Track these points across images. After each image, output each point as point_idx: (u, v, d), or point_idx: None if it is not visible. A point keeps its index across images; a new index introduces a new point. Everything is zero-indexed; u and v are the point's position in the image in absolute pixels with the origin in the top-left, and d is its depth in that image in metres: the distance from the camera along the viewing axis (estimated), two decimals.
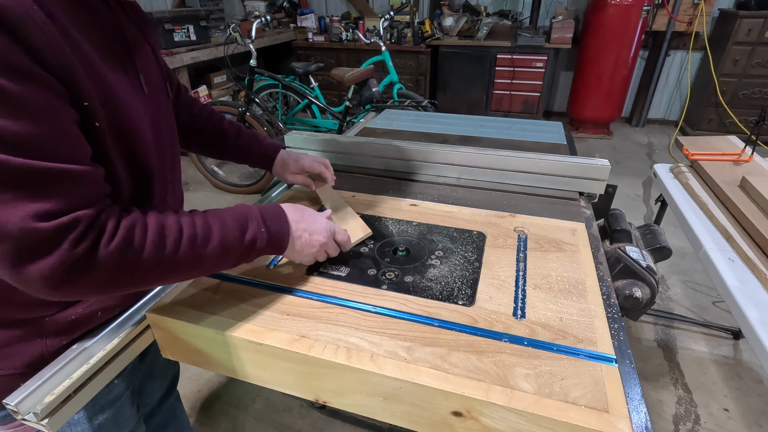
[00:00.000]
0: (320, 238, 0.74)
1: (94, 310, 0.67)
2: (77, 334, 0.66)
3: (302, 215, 0.73)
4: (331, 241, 0.76)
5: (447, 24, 4.41)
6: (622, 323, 0.67)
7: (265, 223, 0.67)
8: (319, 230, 0.74)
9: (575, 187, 1.11)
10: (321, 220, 0.76)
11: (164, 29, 3.22)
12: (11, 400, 0.54)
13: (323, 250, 0.75)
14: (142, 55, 0.66)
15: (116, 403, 0.77)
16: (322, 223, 0.75)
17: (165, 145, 0.72)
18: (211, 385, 1.78)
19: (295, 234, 0.71)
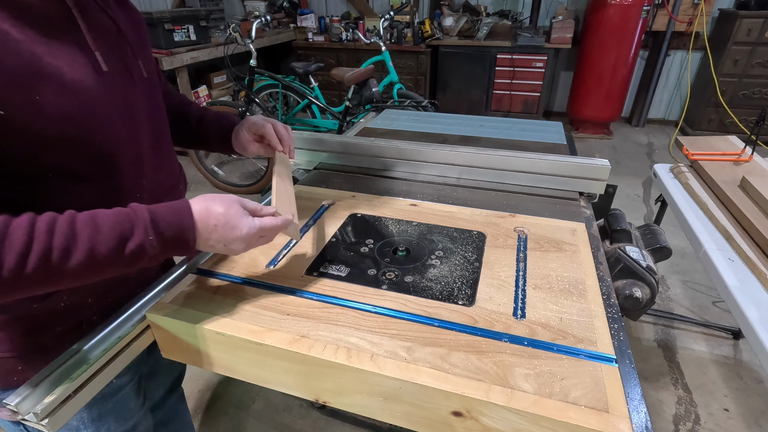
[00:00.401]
0: (238, 246, 0.64)
1: (81, 299, 0.67)
2: (72, 323, 0.67)
3: (216, 223, 0.61)
4: (257, 241, 0.66)
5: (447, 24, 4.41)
6: (622, 323, 0.67)
7: (156, 228, 0.57)
8: (237, 239, 0.63)
9: (575, 187, 1.11)
10: (242, 225, 0.63)
11: (164, 29, 3.22)
12: (11, 400, 0.54)
13: (250, 248, 0.66)
14: (99, 32, 0.62)
15: (118, 393, 0.77)
16: (242, 230, 0.63)
17: (139, 128, 0.68)
18: (211, 385, 1.78)
19: (206, 243, 0.62)
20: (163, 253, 0.59)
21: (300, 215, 0.98)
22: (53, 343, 0.68)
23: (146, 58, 0.74)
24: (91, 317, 0.71)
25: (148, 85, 0.72)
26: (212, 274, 0.79)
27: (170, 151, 0.80)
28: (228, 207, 0.63)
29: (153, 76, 0.75)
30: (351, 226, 0.95)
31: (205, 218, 0.61)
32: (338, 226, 0.94)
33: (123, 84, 0.65)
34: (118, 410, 0.78)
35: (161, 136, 0.76)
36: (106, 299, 0.70)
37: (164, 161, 0.76)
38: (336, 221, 0.96)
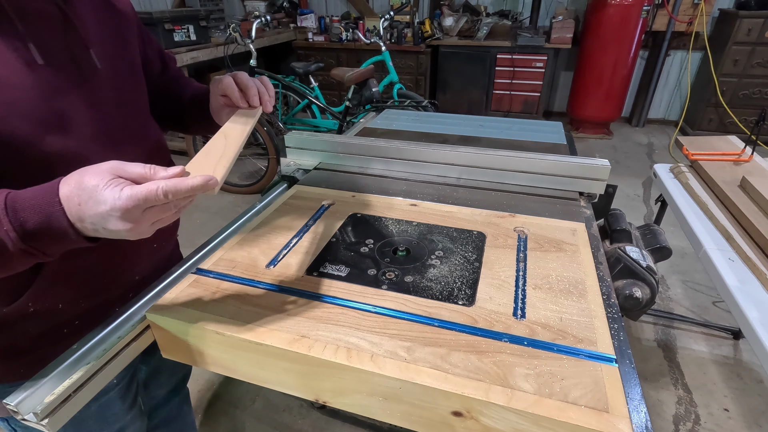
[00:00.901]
0: (118, 227, 0.49)
1: (51, 304, 0.65)
2: (46, 326, 0.66)
3: (79, 200, 0.49)
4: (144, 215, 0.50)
5: (447, 24, 4.41)
6: (622, 323, 0.67)
7: (14, 216, 0.48)
8: (108, 218, 0.49)
9: (575, 187, 1.11)
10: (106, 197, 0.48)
11: (164, 29, 3.22)
12: (11, 400, 0.54)
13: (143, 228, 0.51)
14: (36, 21, 0.57)
15: (102, 397, 0.76)
16: (107, 205, 0.48)
17: (88, 124, 0.61)
18: (211, 385, 1.78)
19: (86, 227, 0.50)
20: (42, 246, 0.50)
21: (300, 215, 0.99)
22: (31, 345, 0.67)
23: (116, 52, 0.68)
24: (72, 321, 0.69)
25: (106, 76, 0.66)
26: (212, 274, 0.79)
27: (146, 149, 0.73)
28: (95, 174, 0.49)
29: (116, 65, 0.68)
30: (351, 226, 0.95)
31: (69, 197, 0.49)
32: (338, 226, 0.94)
33: (66, 77, 0.60)
34: (101, 414, 0.77)
35: (128, 132, 0.69)
36: (78, 304, 0.68)
37: (133, 161, 0.64)
38: (336, 221, 0.96)
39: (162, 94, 0.89)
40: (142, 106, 0.77)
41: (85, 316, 0.69)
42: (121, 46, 0.71)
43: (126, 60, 0.72)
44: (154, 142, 0.78)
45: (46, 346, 0.63)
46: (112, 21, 0.70)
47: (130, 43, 0.74)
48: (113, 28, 0.70)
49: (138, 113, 0.75)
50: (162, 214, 0.52)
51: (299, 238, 0.90)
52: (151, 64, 0.86)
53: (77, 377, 0.59)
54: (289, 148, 1.28)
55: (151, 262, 0.84)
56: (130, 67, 0.73)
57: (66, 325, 0.69)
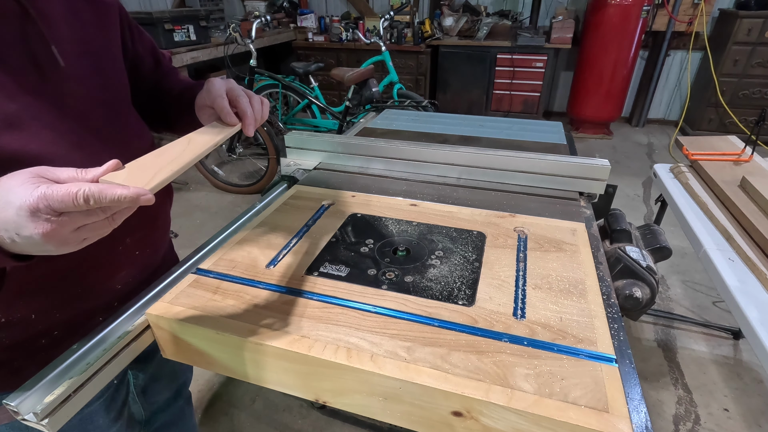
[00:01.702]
0: (31, 232, 0.42)
1: (22, 315, 0.63)
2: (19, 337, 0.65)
3: None
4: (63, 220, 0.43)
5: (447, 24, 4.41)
6: (622, 323, 0.67)
7: None
8: (18, 221, 0.42)
9: (575, 187, 1.11)
10: (14, 198, 0.42)
11: (164, 29, 3.22)
12: (11, 400, 0.54)
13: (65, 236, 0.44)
14: None
15: (84, 410, 0.72)
16: (14, 205, 0.42)
17: (50, 126, 0.58)
18: (211, 385, 1.78)
19: (5, 238, 0.44)
20: None
21: (300, 215, 0.98)
22: (5, 357, 0.66)
23: (86, 44, 0.64)
24: (48, 332, 0.67)
25: (73, 75, 0.63)
26: (212, 274, 0.79)
27: (125, 148, 0.69)
28: (12, 179, 0.43)
29: (88, 63, 0.65)
30: (351, 226, 0.95)
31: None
32: (338, 226, 0.94)
33: (23, 76, 0.57)
34: (82, 428, 0.75)
35: (100, 132, 0.66)
36: (52, 315, 0.66)
37: (104, 160, 0.58)
38: (336, 221, 0.96)
39: (153, 92, 0.86)
40: (122, 107, 0.72)
41: (63, 326, 0.67)
42: (99, 42, 0.68)
43: (103, 57, 0.68)
44: (137, 145, 0.72)
45: (21, 358, 0.61)
46: (89, 16, 0.66)
47: (110, 40, 0.70)
48: (91, 24, 0.66)
49: (116, 114, 0.70)
50: (86, 221, 0.45)
51: (299, 238, 0.90)
52: (142, 60, 0.83)
53: (77, 377, 0.59)
54: (289, 148, 1.29)
55: (136, 271, 0.80)
56: (109, 65, 0.70)
57: (42, 336, 0.66)
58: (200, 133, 0.65)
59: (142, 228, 0.76)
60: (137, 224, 0.72)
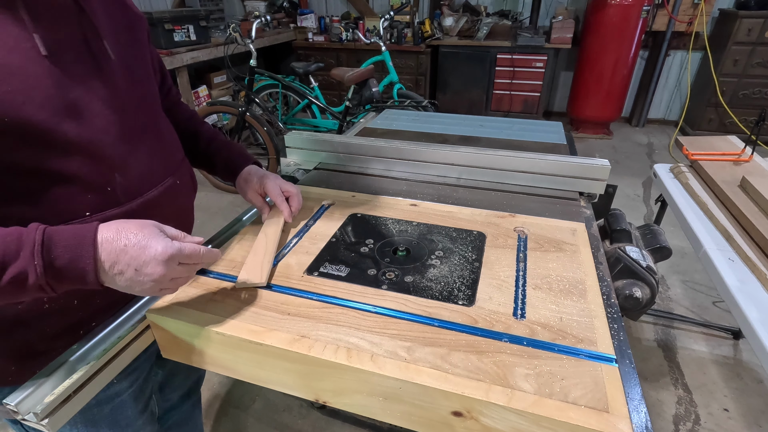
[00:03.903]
0: (153, 270, 0.55)
1: (65, 301, 0.65)
2: (60, 325, 0.66)
3: (126, 242, 0.55)
4: (175, 268, 0.58)
5: (447, 24, 4.41)
6: (622, 323, 0.67)
7: (47, 253, 0.51)
8: (150, 260, 0.55)
9: (575, 187, 1.11)
10: (156, 243, 0.56)
11: (164, 29, 3.22)
12: (11, 400, 0.54)
13: (166, 281, 0.58)
14: (47, 11, 0.58)
15: (115, 399, 0.76)
16: (157, 249, 0.55)
17: (99, 117, 0.63)
18: (211, 385, 1.78)
19: (113, 269, 0.54)
20: (56, 283, 0.52)
21: (300, 215, 0.99)
22: (46, 346, 0.67)
23: (128, 48, 0.70)
24: (86, 321, 0.69)
25: (120, 68, 0.68)
26: (212, 274, 0.79)
27: (160, 142, 0.75)
28: (142, 226, 0.57)
29: (129, 60, 0.70)
30: (351, 226, 0.95)
31: (113, 239, 0.54)
32: (338, 226, 0.94)
33: (80, 67, 0.61)
34: (113, 417, 0.77)
35: (141, 124, 0.71)
36: (92, 301, 0.68)
37: (147, 154, 0.70)
38: (336, 221, 0.96)
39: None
40: (156, 103, 0.78)
41: (100, 315, 0.69)
42: (133, 44, 0.73)
43: (138, 57, 0.72)
44: (169, 138, 0.79)
45: (61, 348, 0.63)
46: (124, 19, 0.71)
47: (142, 43, 0.75)
48: (125, 26, 0.71)
49: (152, 108, 0.75)
50: (184, 274, 0.60)
51: (299, 238, 0.90)
52: (155, 72, 0.87)
53: (77, 377, 0.59)
54: (289, 148, 1.29)
55: None
56: (143, 64, 0.74)
57: (81, 326, 0.68)
58: (268, 227, 0.88)
59: (176, 219, 0.79)
60: (173, 215, 0.77)
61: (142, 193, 0.69)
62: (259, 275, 0.75)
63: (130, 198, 0.67)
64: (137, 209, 0.68)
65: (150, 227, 0.57)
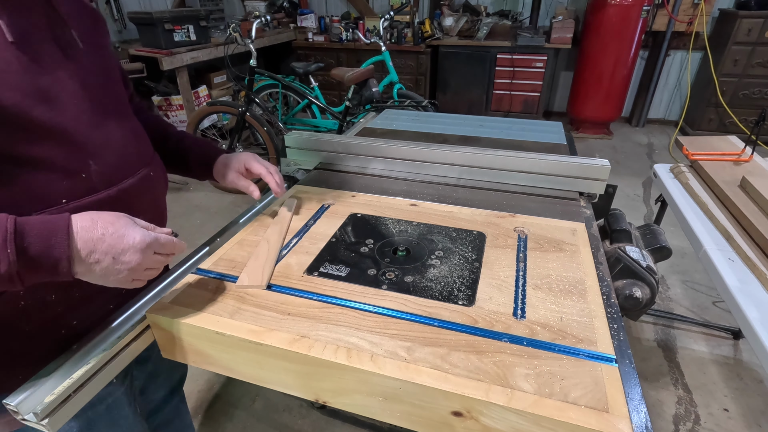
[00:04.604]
0: (131, 258, 0.57)
1: (42, 295, 0.63)
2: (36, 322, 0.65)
3: (104, 232, 0.55)
4: (151, 257, 0.60)
5: (447, 24, 4.41)
6: (622, 323, 0.67)
7: (19, 241, 0.50)
8: (128, 248, 0.56)
9: (575, 187, 1.11)
10: (133, 232, 0.57)
11: (164, 29, 3.22)
12: (11, 400, 0.54)
13: (141, 270, 0.59)
14: (19, 2, 0.59)
15: (108, 398, 0.76)
16: (135, 237, 0.57)
17: (71, 103, 0.63)
18: (211, 385, 1.78)
19: (89, 258, 0.55)
20: (27, 274, 0.51)
21: (300, 215, 0.99)
22: (28, 347, 0.66)
23: (94, 40, 0.71)
24: (66, 316, 0.67)
25: (88, 56, 0.68)
26: (212, 274, 0.79)
27: (132, 132, 0.75)
28: (117, 217, 0.58)
29: (95, 49, 0.71)
30: (351, 226, 0.95)
31: (89, 228, 0.55)
32: (338, 226, 0.94)
33: (44, 57, 0.61)
34: (110, 416, 0.77)
35: (112, 113, 0.71)
36: (71, 294, 0.67)
37: (120, 143, 0.71)
38: (336, 221, 0.96)
39: None
40: (124, 96, 0.79)
41: (79, 310, 0.68)
42: (99, 38, 0.74)
43: (104, 49, 0.74)
44: (140, 132, 0.79)
45: (44, 349, 0.62)
46: (86, 14, 0.73)
47: (105, 45, 0.76)
48: (89, 25, 0.72)
49: (121, 99, 0.76)
50: (158, 264, 0.62)
51: (299, 238, 0.90)
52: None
53: (77, 377, 0.59)
54: (289, 148, 1.29)
55: None
56: (108, 55, 0.75)
57: (61, 323, 0.67)
58: (271, 233, 0.89)
59: (152, 210, 0.79)
60: (149, 206, 0.78)
61: (118, 181, 0.69)
62: (259, 279, 0.76)
63: (107, 186, 0.67)
64: (114, 197, 0.68)
65: (124, 218, 0.59)
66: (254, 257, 0.82)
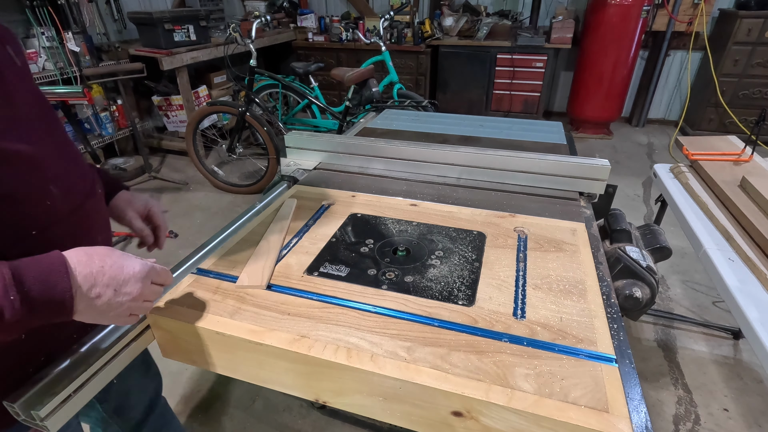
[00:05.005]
0: (132, 289, 0.56)
1: None
2: None
3: (103, 264, 0.54)
4: (150, 287, 0.60)
5: (447, 24, 4.41)
6: (622, 323, 0.67)
7: (20, 284, 0.48)
8: (129, 278, 0.56)
9: (575, 187, 1.11)
10: (132, 262, 0.57)
11: (164, 29, 3.22)
12: (11, 400, 0.54)
13: (141, 301, 0.58)
14: None
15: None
16: (135, 267, 0.57)
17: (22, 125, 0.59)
18: (211, 385, 1.78)
19: (90, 293, 0.53)
20: (29, 317, 0.49)
21: (300, 215, 0.99)
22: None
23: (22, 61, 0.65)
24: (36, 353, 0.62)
25: (26, 76, 0.64)
26: (212, 274, 0.79)
27: (74, 153, 0.71)
28: (110, 249, 0.57)
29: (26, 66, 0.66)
30: (351, 226, 0.95)
31: (87, 263, 0.53)
32: (338, 226, 0.94)
33: None
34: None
35: (56, 131, 0.67)
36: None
37: (71, 163, 0.67)
38: (336, 221, 0.96)
39: None
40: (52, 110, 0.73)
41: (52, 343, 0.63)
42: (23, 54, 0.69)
43: (27, 66, 0.69)
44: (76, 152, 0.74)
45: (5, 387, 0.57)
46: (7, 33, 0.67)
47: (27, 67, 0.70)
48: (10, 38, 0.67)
49: (54, 113, 0.72)
50: (154, 296, 0.61)
51: (299, 238, 0.90)
52: None
53: (77, 377, 0.59)
54: (289, 148, 1.29)
55: None
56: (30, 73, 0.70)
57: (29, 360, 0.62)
58: (271, 234, 0.90)
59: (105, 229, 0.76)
60: (103, 225, 0.75)
61: (76, 203, 0.66)
62: (259, 279, 0.76)
63: (68, 209, 0.64)
64: (76, 220, 0.65)
65: (116, 250, 0.58)
66: (254, 257, 0.82)
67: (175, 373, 1.79)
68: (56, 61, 2.98)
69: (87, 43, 3.19)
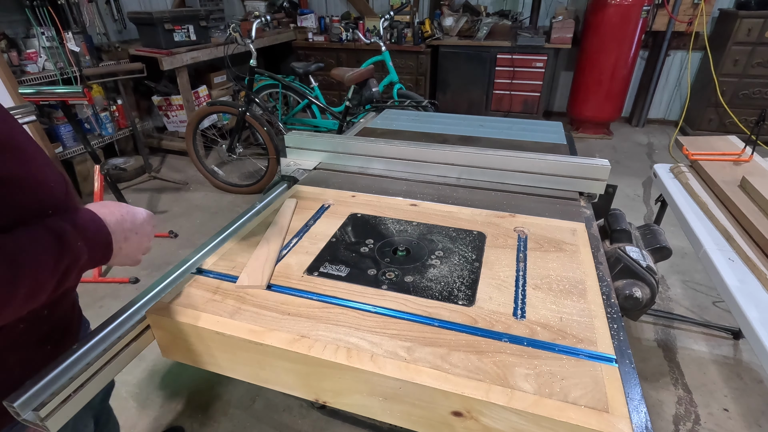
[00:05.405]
0: (146, 229, 0.67)
1: None
2: None
3: (121, 213, 0.64)
4: (153, 229, 0.70)
5: (447, 24, 4.41)
6: (622, 323, 0.67)
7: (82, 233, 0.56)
8: (143, 222, 0.67)
9: (575, 187, 1.11)
10: (138, 210, 0.67)
11: (164, 29, 3.22)
12: (11, 400, 0.54)
13: (150, 241, 0.69)
14: None
15: None
16: (142, 212, 0.68)
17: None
18: (211, 385, 1.78)
19: (120, 237, 0.62)
20: (88, 263, 0.56)
21: (300, 215, 0.99)
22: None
23: None
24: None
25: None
26: (212, 274, 0.79)
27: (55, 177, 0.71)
28: (117, 203, 0.66)
29: None
30: (351, 226, 0.95)
31: (109, 213, 0.62)
32: (338, 226, 0.94)
33: None
34: None
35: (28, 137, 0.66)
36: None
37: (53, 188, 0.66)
38: (336, 221, 0.96)
39: None
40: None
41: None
42: None
43: None
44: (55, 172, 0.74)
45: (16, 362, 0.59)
46: None
47: None
48: None
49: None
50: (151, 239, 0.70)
51: (299, 238, 0.90)
52: None
53: (77, 377, 0.59)
54: (289, 148, 1.29)
55: None
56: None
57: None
58: (271, 234, 0.90)
59: None
60: None
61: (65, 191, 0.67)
62: (260, 279, 0.76)
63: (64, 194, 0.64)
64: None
65: (118, 202, 0.66)
66: (254, 257, 0.82)
67: (175, 373, 1.79)
68: (56, 61, 2.98)
69: (87, 43, 3.19)
